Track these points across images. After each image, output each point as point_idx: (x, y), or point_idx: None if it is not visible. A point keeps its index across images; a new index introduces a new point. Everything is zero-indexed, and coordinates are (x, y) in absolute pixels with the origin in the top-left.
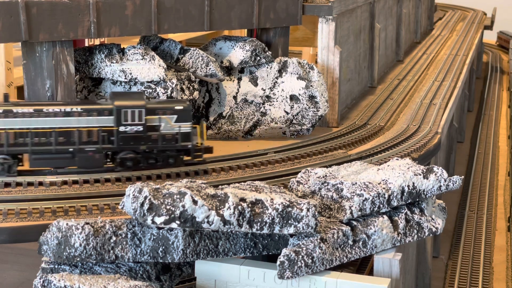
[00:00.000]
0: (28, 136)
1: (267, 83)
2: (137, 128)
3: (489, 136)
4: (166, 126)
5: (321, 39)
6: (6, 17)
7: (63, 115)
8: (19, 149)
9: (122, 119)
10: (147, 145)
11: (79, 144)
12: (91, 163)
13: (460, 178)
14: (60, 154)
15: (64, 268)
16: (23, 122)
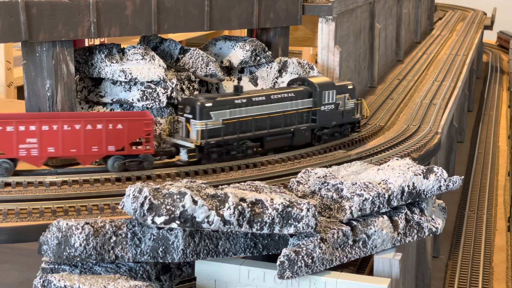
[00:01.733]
0: (266, 121)
1: (267, 83)
2: (330, 107)
3: (489, 136)
4: (344, 103)
5: (321, 39)
6: (6, 17)
7: (285, 100)
8: (261, 133)
9: (323, 100)
10: (336, 121)
11: (297, 124)
12: (304, 140)
13: (460, 178)
14: (285, 134)
15: (64, 268)
16: (260, 108)
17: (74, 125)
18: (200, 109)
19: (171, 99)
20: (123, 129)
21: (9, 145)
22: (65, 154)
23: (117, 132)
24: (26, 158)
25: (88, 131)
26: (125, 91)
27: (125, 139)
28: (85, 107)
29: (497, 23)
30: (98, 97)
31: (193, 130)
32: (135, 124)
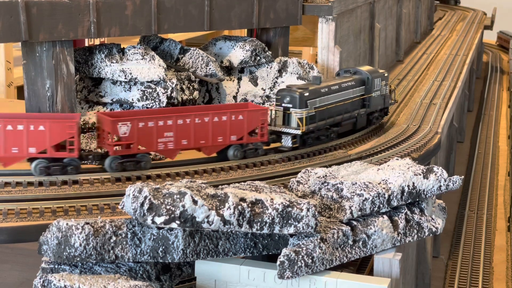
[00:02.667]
0: (340, 107)
1: (267, 83)
2: (377, 93)
3: (489, 136)
4: (383, 88)
5: (321, 39)
6: (6, 17)
7: (350, 88)
8: (339, 118)
9: (373, 87)
10: (380, 105)
11: (359, 109)
12: (362, 123)
13: (460, 178)
14: (352, 119)
15: (64, 268)
16: (336, 96)
17: (204, 118)
18: (300, 98)
19: (171, 99)
20: (243, 119)
21: (150, 140)
22: (195, 145)
23: (239, 123)
24: (163, 151)
25: (215, 123)
26: (125, 91)
27: (245, 129)
28: (85, 107)
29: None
30: (98, 97)
31: (294, 119)
32: (253, 114)
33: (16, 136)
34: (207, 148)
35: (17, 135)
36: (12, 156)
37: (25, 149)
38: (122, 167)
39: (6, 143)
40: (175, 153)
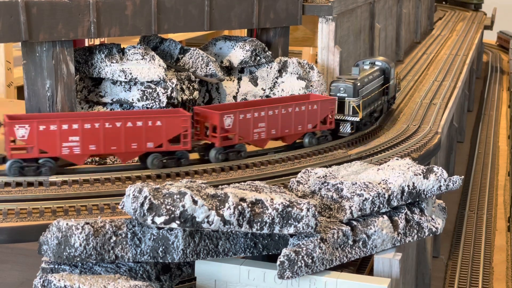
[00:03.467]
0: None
1: (267, 83)
2: (393, 82)
3: (489, 136)
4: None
5: (321, 39)
6: (6, 17)
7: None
8: (376, 105)
9: (390, 76)
10: (393, 93)
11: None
12: (385, 110)
13: (460, 178)
14: (379, 106)
15: (64, 268)
16: (372, 85)
17: (288, 108)
18: (354, 88)
19: (171, 99)
20: (317, 109)
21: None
22: (281, 134)
23: (313, 112)
24: (257, 141)
25: (296, 113)
26: (125, 91)
27: (318, 118)
28: (85, 107)
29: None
30: (98, 97)
31: (350, 107)
32: (326, 104)
33: (135, 132)
34: (289, 137)
35: (136, 131)
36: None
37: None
38: (226, 157)
39: (127, 139)
40: (266, 142)
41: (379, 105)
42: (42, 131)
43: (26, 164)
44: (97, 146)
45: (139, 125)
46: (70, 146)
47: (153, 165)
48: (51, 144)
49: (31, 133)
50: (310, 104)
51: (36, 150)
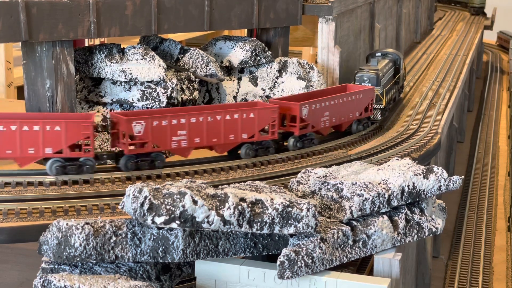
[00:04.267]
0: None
1: (267, 83)
2: (402, 72)
3: (489, 136)
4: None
5: (321, 39)
6: (6, 17)
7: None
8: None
9: (401, 67)
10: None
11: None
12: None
13: (460, 178)
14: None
15: (64, 268)
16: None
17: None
18: (377, 78)
19: (171, 99)
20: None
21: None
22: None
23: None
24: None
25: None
26: (125, 91)
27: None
28: (85, 107)
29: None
30: (98, 97)
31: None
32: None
33: (232, 124)
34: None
35: (233, 124)
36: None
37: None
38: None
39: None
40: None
41: (393, 93)
42: (155, 126)
43: (141, 158)
44: (200, 139)
45: (236, 118)
46: (178, 140)
47: (247, 155)
48: (163, 138)
49: (146, 129)
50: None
51: (150, 145)
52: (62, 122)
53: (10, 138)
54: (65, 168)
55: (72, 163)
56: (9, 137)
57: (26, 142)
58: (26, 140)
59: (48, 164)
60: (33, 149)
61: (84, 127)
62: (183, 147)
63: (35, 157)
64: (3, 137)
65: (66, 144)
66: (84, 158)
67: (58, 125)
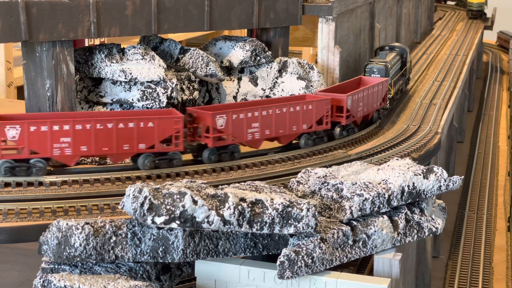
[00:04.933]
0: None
1: (267, 83)
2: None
3: (489, 136)
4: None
5: (321, 39)
6: (6, 17)
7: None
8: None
9: (407, 60)
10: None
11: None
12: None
13: (460, 178)
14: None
15: (64, 268)
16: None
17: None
18: (386, 69)
19: (171, 99)
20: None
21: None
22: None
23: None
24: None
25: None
26: (125, 91)
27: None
28: (85, 107)
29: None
30: (98, 97)
31: None
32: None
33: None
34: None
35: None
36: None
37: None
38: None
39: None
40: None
41: (400, 84)
42: (234, 120)
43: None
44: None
45: (298, 110)
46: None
47: (306, 145)
48: (240, 131)
49: (227, 122)
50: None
51: (230, 137)
52: (155, 118)
53: (107, 135)
54: (156, 162)
55: (163, 158)
56: (106, 134)
57: (121, 139)
58: (121, 137)
59: (140, 160)
60: (128, 145)
61: (175, 122)
62: (256, 138)
63: (130, 153)
64: (100, 135)
65: (158, 140)
66: (173, 152)
67: (151, 121)
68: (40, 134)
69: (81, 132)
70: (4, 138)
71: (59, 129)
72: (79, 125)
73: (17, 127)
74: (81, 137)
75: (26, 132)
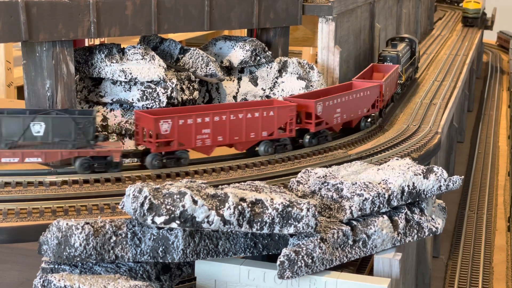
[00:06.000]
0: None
1: (267, 83)
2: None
3: (489, 136)
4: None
5: (321, 39)
6: (6, 17)
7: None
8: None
9: (416, 49)
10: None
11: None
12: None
13: (460, 178)
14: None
15: (64, 268)
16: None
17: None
18: (397, 57)
19: (171, 99)
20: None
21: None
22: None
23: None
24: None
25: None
26: (125, 91)
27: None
28: (85, 107)
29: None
30: (98, 97)
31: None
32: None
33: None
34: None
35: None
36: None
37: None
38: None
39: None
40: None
41: (410, 72)
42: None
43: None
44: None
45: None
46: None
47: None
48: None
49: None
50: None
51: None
52: (275, 108)
53: (238, 125)
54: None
55: (279, 144)
56: (238, 124)
57: (249, 128)
58: (249, 126)
59: (262, 146)
60: (254, 133)
61: (291, 110)
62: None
63: (255, 140)
64: (233, 125)
65: (277, 127)
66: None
67: (272, 110)
68: (187, 127)
69: (218, 123)
70: (158, 131)
71: (201, 121)
72: (217, 116)
73: (169, 121)
74: (218, 128)
75: (176, 125)
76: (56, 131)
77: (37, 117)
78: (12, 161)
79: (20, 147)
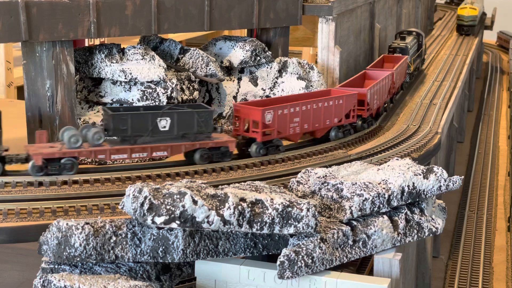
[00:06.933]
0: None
1: (267, 83)
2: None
3: (489, 136)
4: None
5: (321, 39)
6: (6, 17)
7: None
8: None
9: (422, 42)
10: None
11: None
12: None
13: (460, 178)
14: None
15: (64, 268)
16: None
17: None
18: (406, 49)
19: (171, 99)
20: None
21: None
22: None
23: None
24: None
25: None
26: (125, 91)
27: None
28: (85, 107)
29: (497, 23)
30: (98, 97)
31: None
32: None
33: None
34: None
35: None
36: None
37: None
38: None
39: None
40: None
41: (417, 63)
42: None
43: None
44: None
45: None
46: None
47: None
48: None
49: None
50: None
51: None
52: (343, 96)
53: (318, 113)
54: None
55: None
56: (317, 112)
57: (325, 115)
58: (326, 114)
59: (333, 132)
60: (328, 120)
61: (354, 98)
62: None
63: (329, 127)
64: (316, 114)
65: (344, 114)
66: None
67: (341, 99)
68: (284, 116)
69: (305, 112)
70: (264, 121)
71: (294, 111)
72: (304, 106)
73: (271, 111)
74: (304, 117)
75: (276, 115)
76: (181, 125)
77: (164, 113)
78: (141, 155)
79: (147, 143)
